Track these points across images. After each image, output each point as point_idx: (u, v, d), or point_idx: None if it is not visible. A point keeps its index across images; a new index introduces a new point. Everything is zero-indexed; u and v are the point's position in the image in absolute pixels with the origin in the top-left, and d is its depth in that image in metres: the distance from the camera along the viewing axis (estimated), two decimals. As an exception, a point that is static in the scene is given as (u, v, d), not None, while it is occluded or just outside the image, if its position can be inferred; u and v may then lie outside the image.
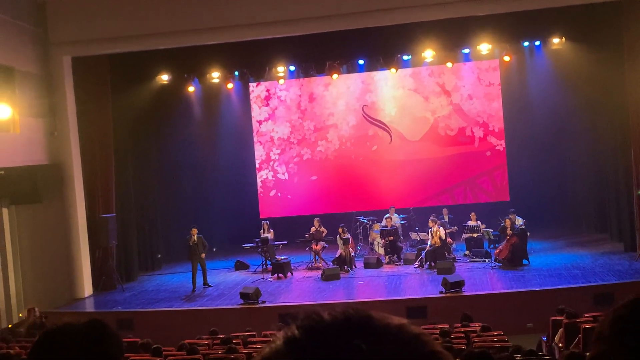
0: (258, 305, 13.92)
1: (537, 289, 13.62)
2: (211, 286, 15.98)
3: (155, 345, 9.76)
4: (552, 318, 10.98)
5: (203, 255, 15.94)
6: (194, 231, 16.08)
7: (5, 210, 15.65)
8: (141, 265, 18.39)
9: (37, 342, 1.89)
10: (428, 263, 16.20)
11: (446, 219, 18.10)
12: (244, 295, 14.14)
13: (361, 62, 19.52)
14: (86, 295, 16.06)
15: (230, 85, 20.30)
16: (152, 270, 18.65)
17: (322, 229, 17.52)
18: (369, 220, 18.61)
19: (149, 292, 16.26)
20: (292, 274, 16.65)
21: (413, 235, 18.09)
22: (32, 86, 15.43)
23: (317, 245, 17.29)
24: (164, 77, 18.64)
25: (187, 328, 13.10)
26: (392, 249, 17.24)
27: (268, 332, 11.52)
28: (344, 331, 0.90)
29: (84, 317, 2.01)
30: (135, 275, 17.75)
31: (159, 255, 19.02)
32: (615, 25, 15.62)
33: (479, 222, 17.34)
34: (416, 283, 15.19)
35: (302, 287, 15.72)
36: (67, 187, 16.02)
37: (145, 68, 18.00)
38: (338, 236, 16.90)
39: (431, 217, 16.88)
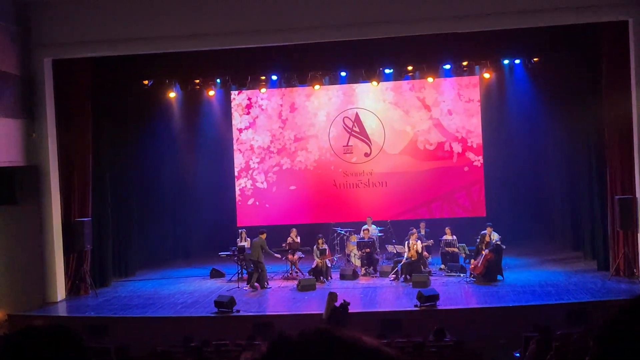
0: (232, 314, 13.87)
1: (510, 305, 13.70)
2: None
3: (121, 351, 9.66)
4: (525, 334, 11.06)
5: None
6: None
7: (-21, 211, 15.48)
8: (115, 271, 18.23)
9: None
10: (404, 276, 16.26)
11: (423, 232, 18.16)
12: (218, 304, 14.08)
13: (343, 74, 19.57)
14: (59, 299, 15.88)
15: (211, 93, 20.25)
16: (125, 276, 18.50)
17: (298, 239, 17.49)
18: (346, 232, 18.62)
19: (122, 297, 16.12)
20: (268, 284, 16.61)
21: (390, 248, 18.13)
22: (12, 86, 15.30)
23: (293, 256, 17.27)
24: (146, 82, 18.55)
25: (160, 335, 13.00)
26: (369, 261, 17.28)
27: (241, 342, 11.47)
28: (309, 348, 0.95)
29: (55, 321, 1.99)
30: (109, 280, 17.58)
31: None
32: (593, 46, 15.83)
33: (454, 237, 17.44)
34: (391, 296, 15.23)
35: (277, 297, 15.69)
36: (43, 190, 15.87)
37: (127, 72, 17.86)
38: (315, 246, 16.90)
39: (412, 230, 16.93)
